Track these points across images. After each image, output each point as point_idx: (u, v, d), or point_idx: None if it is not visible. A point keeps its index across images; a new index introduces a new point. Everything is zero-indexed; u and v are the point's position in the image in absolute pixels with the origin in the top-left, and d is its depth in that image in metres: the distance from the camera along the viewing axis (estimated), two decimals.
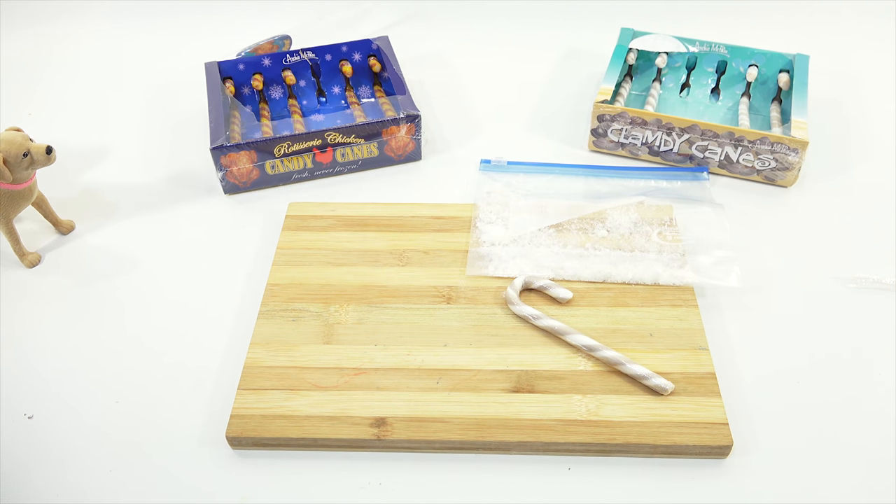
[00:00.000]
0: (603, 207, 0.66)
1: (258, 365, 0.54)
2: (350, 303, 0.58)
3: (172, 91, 0.86)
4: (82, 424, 0.52)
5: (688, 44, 0.80)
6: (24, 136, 0.60)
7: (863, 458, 0.49)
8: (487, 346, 0.55)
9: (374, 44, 0.81)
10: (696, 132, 0.70)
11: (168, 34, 0.97)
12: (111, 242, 0.67)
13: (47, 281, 0.64)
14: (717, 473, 0.49)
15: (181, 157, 0.77)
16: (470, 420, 0.50)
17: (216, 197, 0.72)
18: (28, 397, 0.54)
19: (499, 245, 0.63)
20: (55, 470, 0.50)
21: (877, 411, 0.52)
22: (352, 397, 0.51)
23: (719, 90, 0.81)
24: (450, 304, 0.58)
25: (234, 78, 0.79)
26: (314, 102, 0.82)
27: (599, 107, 0.72)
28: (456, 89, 0.86)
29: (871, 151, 0.76)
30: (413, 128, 0.72)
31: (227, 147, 0.68)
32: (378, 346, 0.55)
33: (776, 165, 0.69)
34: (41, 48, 0.96)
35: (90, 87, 0.89)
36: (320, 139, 0.70)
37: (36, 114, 0.84)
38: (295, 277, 0.60)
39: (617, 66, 0.77)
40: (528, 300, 0.58)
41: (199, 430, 0.52)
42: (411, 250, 0.63)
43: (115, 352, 0.57)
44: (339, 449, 0.50)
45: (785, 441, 0.50)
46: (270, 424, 0.50)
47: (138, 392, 0.54)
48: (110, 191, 0.73)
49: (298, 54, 0.80)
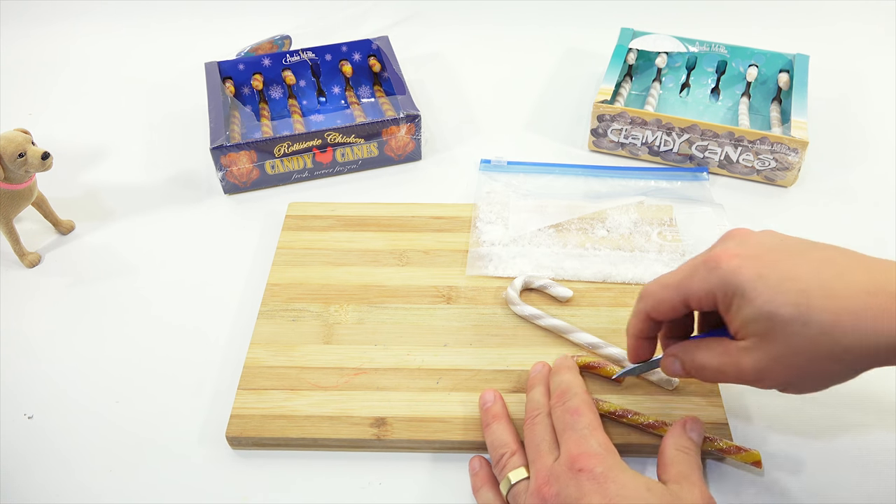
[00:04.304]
0: (603, 207, 0.66)
1: (258, 365, 0.54)
2: (350, 303, 0.58)
3: (172, 91, 0.86)
4: (82, 424, 0.52)
5: (688, 44, 0.80)
6: (26, 137, 0.60)
7: (863, 458, 0.49)
8: (487, 346, 0.55)
9: (374, 44, 0.81)
10: (696, 132, 0.70)
11: (168, 34, 0.97)
12: (111, 242, 0.67)
13: (47, 281, 0.64)
14: (718, 473, 0.49)
15: (181, 157, 0.77)
16: (470, 420, 0.50)
17: (216, 197, 0.72)
18: (28, 397, 0.54)
19: (499, 245, 0.63)
20: (55, 470, 0.50)
21: (877, 411, 0.52)
22: (352, 397, 0.51)
23: (719, 90, 0.81)
24: (450, 304, 0.58)
25: (234, 78, 0.79)
26: (314, 102, 0.82)
27: (599, 107, 0.72)
28: (456, 89, 0.86)
29: (871, 151, 0.76)
30: (413, 128, 0.72)
31: (227, 147, 0.68)
32: (378, 346, 0.55)
33: (776, 165, 0.69)
34: (41, 48, 0.96)
35: (90, 86, 0.89)
36: (320, 139, 0.70)
37: (36, 114, 0.84)
38: (295, 277, 0.60)
39: (617, 66, 0.77)
40: (529, 300, 0.58)
41: (198, 430, 0.52)
42: (411, 250, 0.63)
43: (115, 351, 0.57)
44: (339, 449, 0.50)
45: (785, 441, 0.50)
46: (270, 424, 0.50)
47: (138, 392, 0.54)
48: (110, 191, 0.73)
49: (298, 54, 0.80)
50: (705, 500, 0.41)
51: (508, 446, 0.46)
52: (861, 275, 0.37)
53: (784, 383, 0.39)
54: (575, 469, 0.40)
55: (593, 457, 0.41)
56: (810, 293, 0.37)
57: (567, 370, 0.48)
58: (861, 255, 0.39)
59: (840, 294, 0.36)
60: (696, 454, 0.44)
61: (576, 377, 0.48)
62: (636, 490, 0.39)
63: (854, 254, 0.39)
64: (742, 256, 0.39)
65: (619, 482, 0.39)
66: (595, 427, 0.43)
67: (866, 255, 0.39)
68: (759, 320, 0.38)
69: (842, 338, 0.36)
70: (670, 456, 0.44)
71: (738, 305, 0.38)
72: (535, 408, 0.47)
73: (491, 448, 0.47)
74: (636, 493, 0.39)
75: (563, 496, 0.40)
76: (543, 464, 0.42)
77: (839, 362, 0.37)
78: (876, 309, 0.35)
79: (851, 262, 0.38)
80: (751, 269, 0.38)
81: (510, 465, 0.45)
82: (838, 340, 0.36)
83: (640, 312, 0.44)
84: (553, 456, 0.43)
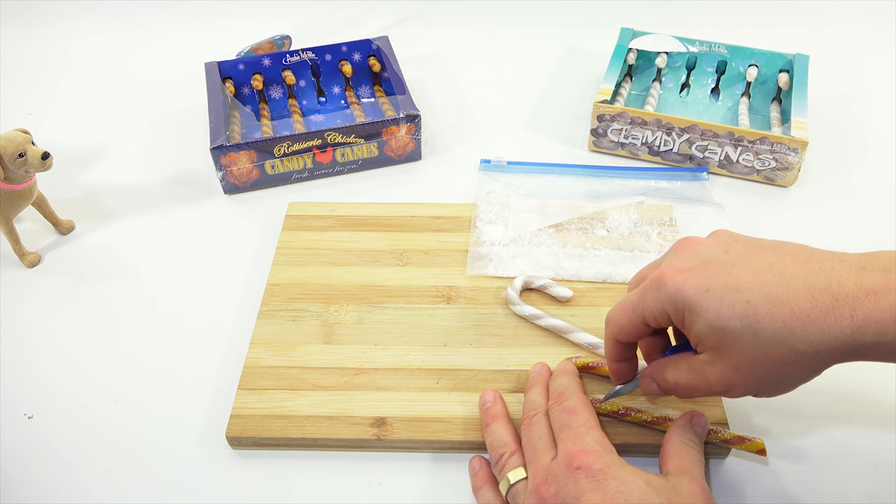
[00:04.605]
0: (603, 207, 0.66)
1: (258, 365, 0.54)
2: (350, 303, 0.58)
3: (172, 91, 0.86)
4: (82, 424, 0.52)
5: (688, 44, 0.80)
6: (26, 137, 0.60)
7: (864, 458, 0.49)
8: (487, 346, 0.55)
9: (374, 44, 0.81)
10: (696, 132, 0.70)
11: (168, 34, 0.97)
12: (111, 242, 0.67)
13: (47, 281, 0.64)
14: (717, 473, 0.49)
15: (181, 157, 0.77)
16: (470, 420, 0.50)
17: (216, 197, 0.72)
18: (28, 397, 0.54)
19: (499, 245, 0.63)
20: (55, 470, 0.50)
21: (878, 410, 0.52)
22: (352, 397, 0.51)
23: (719, 90, 0.81)
24: (450, 304, 0.58)
25: (234, 78, 0.79)
26: (314, 102, 0.82)
27: (599, 107, 0.72)
28: (456, 89, 0.86)
29: (871, 151, 0.76)
30: (413, 128, 0.72)
31: (227, 147, 0.68)
32: (378, 346, 0.55)
33: (776, 165, 0.69)
34: (41, 48, 0.96)
35: (90, 87, 0.89)
36: (320, 139, 0.70)
37: (36, 114, 0.84)
38: (295, 277, 0.60)
39: (617, 66, 0.77)
40: (529, 300, 0.58)
41: (198, 430, 0.52)
42: (411, 250, 0.63)
43: (114, 351, 0.57)
44: (339, 449, 0.50)
45: (785, 441, 0.50)
46: (270, 424, 0.50)
47: (138, 392, 0.54)
48: (110, 191, 0.73)
49: (298, 54, 0.80)
50: (704, 495, 0.41)
51: (508, 446, 0.46)
52: (804, 276, 0.37)
53: (752, 390, 0.40)
54: (573, 467, 0.40)
55: (591, 454, 0.41)
56: (756, 303, 0.37)
57: (566, 374, 0.49)
58: (804, 252, 0.39)
59: (784, 300, 0.36)
60: (699, 449, 0.45)
61: (574, 380, 0.48)
62: (636, 485, 0.39)
63: (796, 251, 0.39)
64: (687, 271, 0.40)
65: (619, 478, 0.39)
66: (592, 426, 0.43)
67: (810, 251, 0.39)
68: (711, 335, 0.38)
69: (794, 343, 0.36)
70: (674, 448, 0.44)
71: (690, 321, 0.39)
72: (532, 408, 0.47)
73: (490, 448, 0.47)
74: (636, 489, 0.39)
75: (562, 495, 0.40)
76: (541, 463, 0.42)
77: (797, 365, 0.37)
78: (821, 310, 0.35)
79: (794, 263, 0.38)
80: (696, 284, 0.39)
81: (509, 465, 0.45)
82: (791, 346, 0.36)
83: (608, 338, 0.45)
84: (550, 455, 0.43)
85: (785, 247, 0.40)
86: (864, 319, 0.35)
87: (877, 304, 0.35)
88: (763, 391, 0.40)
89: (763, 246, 0.40)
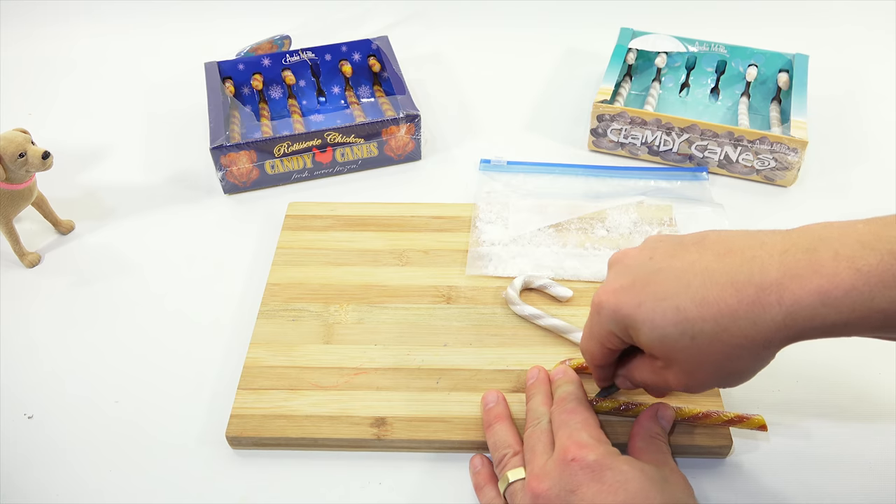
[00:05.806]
0: (603, 207, 0.66)
1: (258, 365, 0.54)
2: (350, 302, 0.58)
3: (172, 91, 0.86)
4: (82, 424, 0.52)
5: (687, 44, 0.80)
6: (26, 137, 0.60)
7: (864, 458, 0.49)
8: (487, 346, 0.55)
9: (374, 44, 0.81)
10: (696, 132, 0.70)
11: (168, 34, 0.97)
12: (111, 242, 0.67)
13: (47, 281, 0.64)
14: (717, 473, 0.49)
15: (181, 157, 0.77)
16: (470, 420, 0.50)
17: (216, 197, 0.72)
18: (28, 397, 0.54)
19: (499, 245, 0.63)
20: (55, 470, 0.50)
21: (877, 410, 0.52)
22: (352, 397, 0.51)
23: (719, 90, 0.81)
24: (450, 304, 0.58)
25: (234, 78, 0.79)
26: (314, 102, 0.82)
27: (599, 107, 0.72)
28: (456, 89, 0.86)
29: (870, 151, 0.76)
30: (413, 127, 0.72)
31: (227, 147, 0.68)
32: (378, 346, 0.55)
33: (776, 165, 0.69)
34: (41, 48, 0.96)
35: (90, 87, 0.89)
36: (320, 139, 0.70)
37: (36, 114, 0.84)
38: (295, 277, 0.60)
39: (616, 66, 0.77)
40: (528, 299, 0.58)
41: (198, 430, 0.52)
42: (411, 250, 0.63)
43: (114, 351, 0.57)
44: (339, 449, 0.50)
45: (785, 441, 0.50)
46: (270, 424, 0.50)
47: (138, 392, 0.54)
48: (110, 191, 0.73)
49: (298, 54, 0.80)
50: (688, 484, 0.42)
51: (511, 447, 0.46)
52: (725, 271, 0.37)
53: (710, 386, 0.40)
54: (566, 460, 0.40)
55: (584, 446, 0.41)
56: (685, 308, 0.37)
57: (569, 382, 0.48)
58: (726, 243, 0.38)
59: (711, 300, 0.36)
60: (666, 440, 0.46)
61: (577, 388, 0.48)
62: (633, 475, 0.39)
63: (718, 243, 0.39)
64: (620, 290, 0.40)
65: (616, 469, 0.40)
66: (589, 424, 0.43)
67: (731, 240, 0.38)
68: (655, 345, 0.39)
69: (730, 339, 0.36)
70: (643, 442, 0.45)
71: (635, 336, 0.40)
72: (535, 417, 0.47)
73: (493, 448, 0.47)
74: (633, 478, 0.39)
75: (557, 489, 0.40)
76: (537, 463, 0.43)
77: (740, 359, 0.37)
78: (748, 303, 0.35)
79: (716, 258, 0.38)
80: (629, 302, 0.39)
81: (510, 464, 0.45)
82: (728, 342, 0.36)
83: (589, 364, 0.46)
84: (548, 455, 0.43)
85: (707, 239, 0.40)
86: (793, 305, 0.34)
87: (802, 288, 0.34)
88: (722, 384, 0.41)
89: (685, 243, 0.40)
